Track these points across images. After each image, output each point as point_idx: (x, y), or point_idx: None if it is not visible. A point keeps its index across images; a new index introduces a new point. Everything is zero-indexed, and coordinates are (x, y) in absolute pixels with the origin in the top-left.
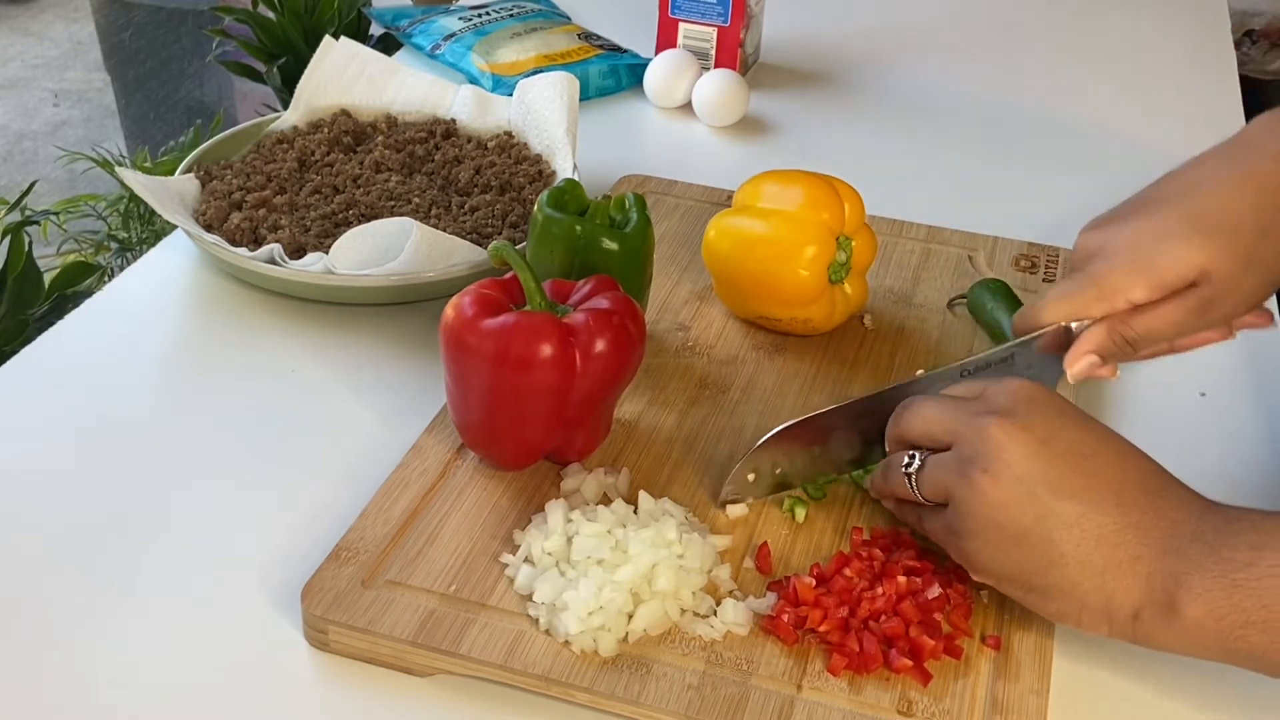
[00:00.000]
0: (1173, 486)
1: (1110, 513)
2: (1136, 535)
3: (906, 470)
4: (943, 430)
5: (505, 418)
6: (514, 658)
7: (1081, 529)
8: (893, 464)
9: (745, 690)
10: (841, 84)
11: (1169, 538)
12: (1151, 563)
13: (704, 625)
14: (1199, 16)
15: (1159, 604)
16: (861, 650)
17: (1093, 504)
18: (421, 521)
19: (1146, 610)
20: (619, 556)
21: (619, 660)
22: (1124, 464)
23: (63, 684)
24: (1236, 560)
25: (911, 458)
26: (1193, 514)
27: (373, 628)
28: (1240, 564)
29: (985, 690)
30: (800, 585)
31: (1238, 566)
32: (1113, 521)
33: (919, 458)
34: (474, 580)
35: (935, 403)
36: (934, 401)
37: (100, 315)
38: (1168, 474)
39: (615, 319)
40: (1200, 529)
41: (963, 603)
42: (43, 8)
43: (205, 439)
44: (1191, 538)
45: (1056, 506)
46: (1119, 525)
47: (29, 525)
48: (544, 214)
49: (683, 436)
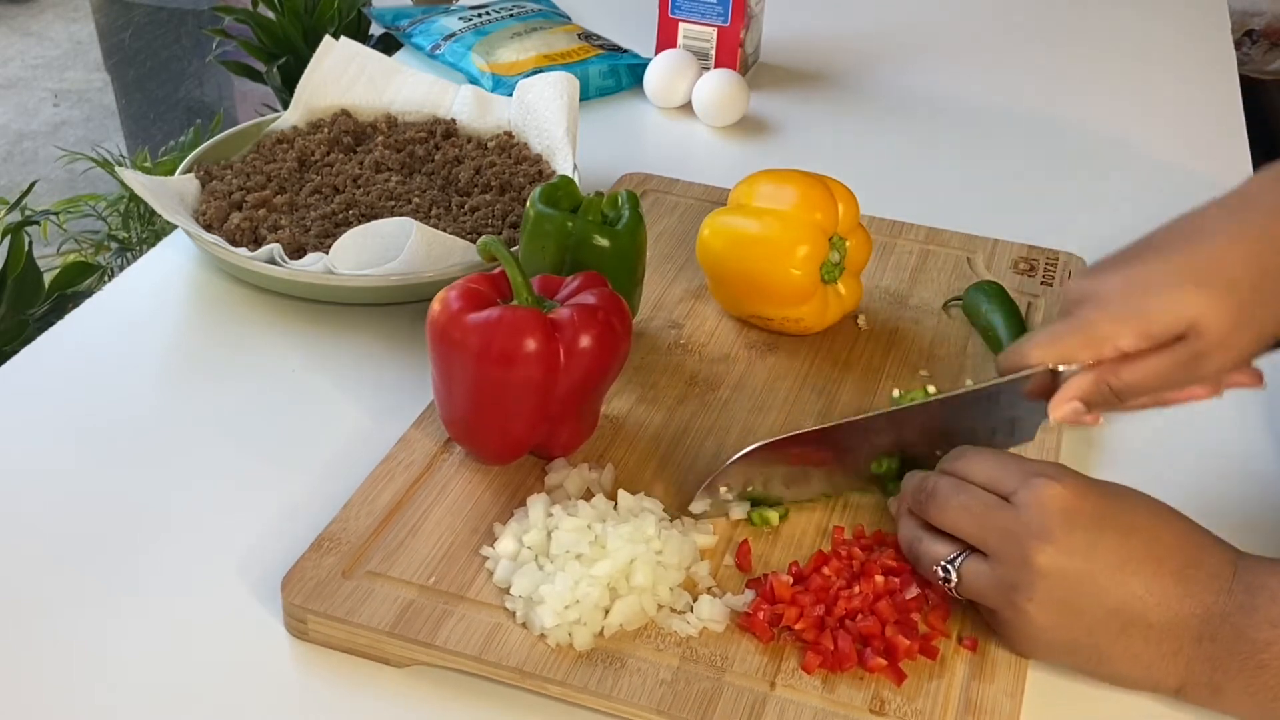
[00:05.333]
0: (1205, 553)
1: (1151, 612)
2: (1175, 629)
3: (944, 581)
4: (976, 538)
5: (489, 412)
6: (489, 650)
7: (1128, 635)
8: (923, 561)
9: (718, 686)
10: (841, 84)
11: (1204, 624)
12: (1190, 649)
13: (680, 621)
14: (1199, 16)
15: (1200, 684)
16: (836, 649)
17: (1133, 611)
18: (405, 514)
19: (1189, 688)
20: (597, 551)
21: (594, 654)
22: (1158, 552)
23: (58, 680)
24: (1260, 640)
25: (947, 571)
26: (1223, 590)
27: (351, 618)
28: (1263, 644)
29: (959, 691)
30: (777, 583)
31: (1261, 647)
32: (1154, 620)
33: (954, 569)
34: (454, 572)
35: (967, 498)
36: (965, 495)
37: (100, 315)
38: (1199, 536)
39: (601, 315)
40: (1229, 608)
41: (941, 603)
42: (43, 8)
43: (205, 438)
44: (1221, 620)
45: (1102, 621)
46: (1160, 623)
47: (29, 525)
48: (536, 210)
49: (669, 433)
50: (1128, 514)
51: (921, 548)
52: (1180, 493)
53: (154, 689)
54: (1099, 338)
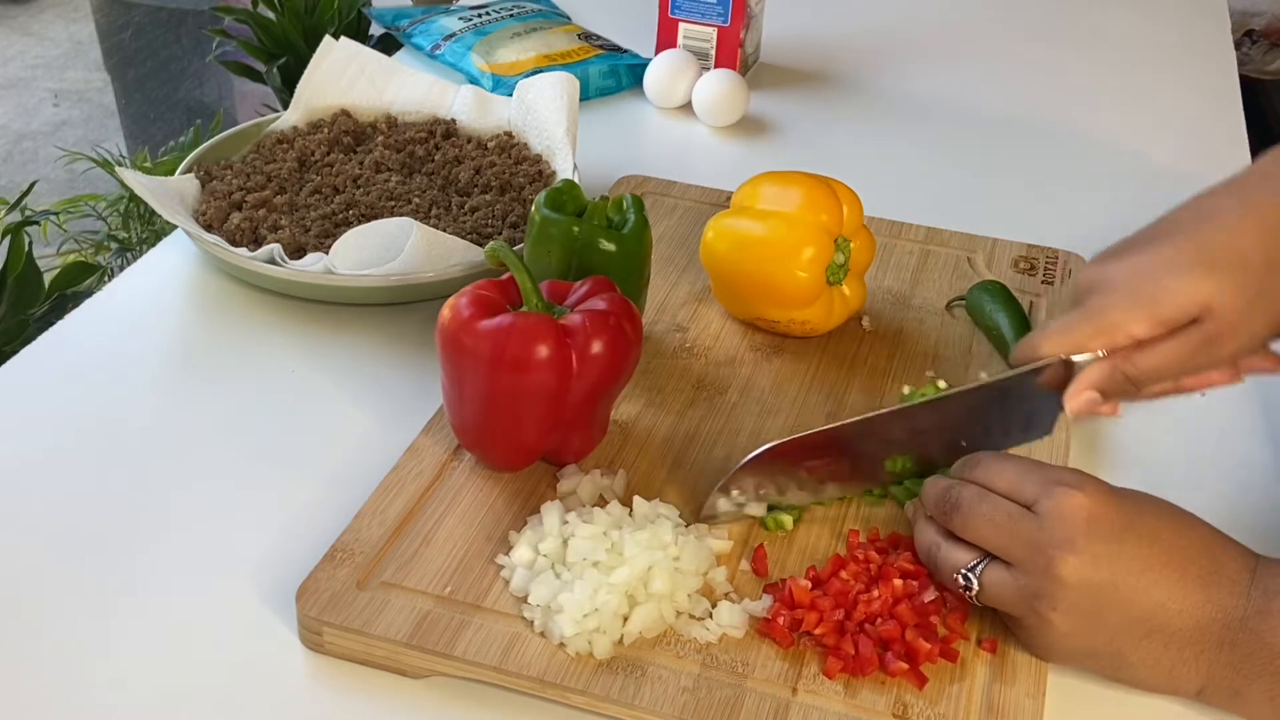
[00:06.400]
0: (1225, 558)
1: (1173, 620)
2: (1196, 635)
3: (964, 589)
4: (999, 548)
5: (501, 419)
6: (509, 660)
7: (1150, 641)
8: (943, 569)
9: (740, 693)
10: (841, 84)
11: (1224, 629)
12: (1210, 655)
13: (699, 628)
14: (1199, 16)
15: (1221, 688)
16: (857, 653)
17: (1156, 620)
18: (417, 523)
19: (1209, 692)
20: (614, 558)
21: (614, 662)
22: (1180, 559)
23: (60, 683)
24: (1277, 645)
25: (968, 579)
26: (1241, 593)
27: (368, 629)
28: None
29: (981, 694)
30: (796, 588)
31: (1278, 652)
32: (1176, 627)
33: (975, 577)
34: (469, 582)
35: (990, 508)
36: (988, 505)
37: (100, 315)
38: (1219, 541)
39: (612, 320)
40: (1247, 613)
41: (959, 606)
42: (43, 8)
43: (205, 439)
44: (1240, 626)
45: (1125, 629)
46: (1181, 629)
47: (29, 525)
48: (541, 215)
49: (679, 438)
50: (1150, 521)
51: (941, 555)
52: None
53: (151, 690)
54: (1110, 325)
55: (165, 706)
